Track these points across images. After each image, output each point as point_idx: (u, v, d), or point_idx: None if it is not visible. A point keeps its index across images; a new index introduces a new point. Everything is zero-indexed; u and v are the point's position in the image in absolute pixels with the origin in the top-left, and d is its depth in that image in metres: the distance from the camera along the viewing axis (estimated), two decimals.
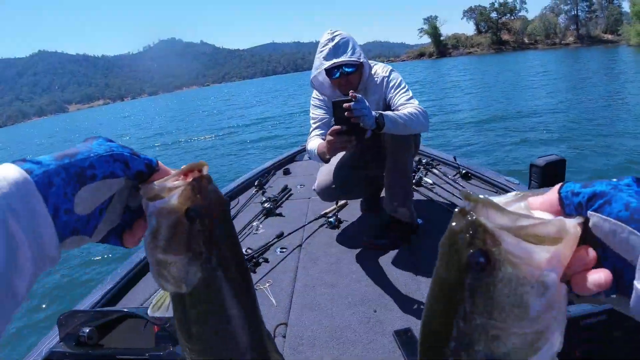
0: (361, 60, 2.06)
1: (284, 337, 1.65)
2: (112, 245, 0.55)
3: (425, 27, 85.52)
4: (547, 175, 0.74)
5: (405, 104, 2.04)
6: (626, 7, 58.66)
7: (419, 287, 1.84)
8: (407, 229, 2.22)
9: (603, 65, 24.82)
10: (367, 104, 1.73)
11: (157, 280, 0.52)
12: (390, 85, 2.16)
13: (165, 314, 0.58)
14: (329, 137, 1.78)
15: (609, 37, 61.91)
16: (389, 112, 1.87)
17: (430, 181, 2.95)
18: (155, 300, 0.59)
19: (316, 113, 2.29)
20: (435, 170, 3.22)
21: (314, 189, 2.43)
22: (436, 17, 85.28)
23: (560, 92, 14.25)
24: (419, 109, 1.96)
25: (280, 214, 2.87)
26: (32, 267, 0.42)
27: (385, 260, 2.09)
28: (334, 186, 2.28)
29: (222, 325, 0.56)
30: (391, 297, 1.80)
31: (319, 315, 1.74)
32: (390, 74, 2.19)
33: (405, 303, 1.75)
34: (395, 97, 2.10)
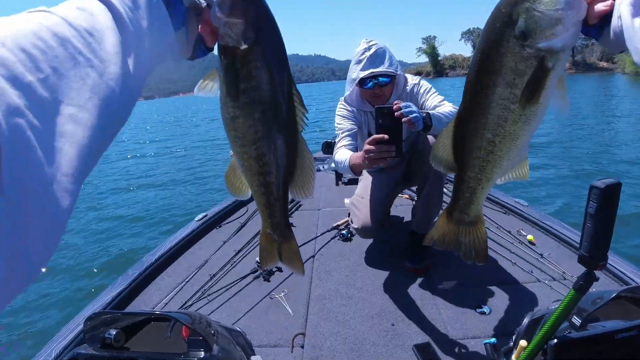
0: (398, 73, 2.03)
1: (302, 347, 1.65)
2: (200, 56, 0.79)
3: (424, 46, 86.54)
4: (606, 196, 0.77)
5: (441, 105, 2.04)
6: None
7: (435, 302, 1.86)
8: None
9: (599, 91, 25.47)
10: (414, 106, 1.70)
11: (225, 40, 0.74)
12: (422, 91, 2.14)
13: (208, 93, 0.83)
14: (368, 147, 1.68)
15: (604, 64, 62.94)
16: (432, 111, 1.86)
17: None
18: (201, 82, 0.83)
19: (344, 123, 2.22)
20: (444, 189, 3.25)
21: (352, 228, 2.31)
22: (435, 37, 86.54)
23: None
24: (456, 108, 1.96)
25: (291, 224, 2.88)
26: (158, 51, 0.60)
27: (400, 275, 2.12)
28: (376, 225, 2.18)
29: (265, 79, 0.78)
30: (408, 311, 1.81)
31: (337, 327, 1.75)
32: (419, 81, 2.19)
33: (423, 317, 1.76)
34: (429, 100, 2.10)
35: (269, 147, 0.84)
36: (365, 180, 2.35)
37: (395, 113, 1.63)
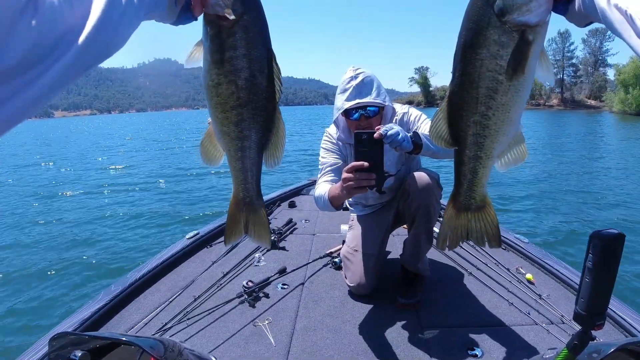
0: (386, 104, 1.93)
1: None
2: (184, 23, 0.85)
3: (416, 76, 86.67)
4: (607, 250, 0.71)
5: None
6: (611, 75, 60.42)
7: (424, 341, 1.76)
8: (422, 280, 2.16)
9: (589, 129, 25.67)
10: (397, 126, 1.61)
11: (215, 9, 0.80)
12: (413, 119, 2.05)
13: (195, 64, 0.89)
14: (345, 175, 1.55)
15: (592, 102, 62.86)
16: (420, 131, 1.77)
17: (437, 231, 2.90)
18: (188, 54, 0.89)
19: (327, 157, 2.10)
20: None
21: (346, 284, 2.18)
22: (427, 68, 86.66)
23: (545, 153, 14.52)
24: None
25: (283, 248, 2.81)
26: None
27: (390, 309, 2.03)
28: (371, 282, 2.11)
29: (249, 50, 0.85)
30: (396, 349, 1.71)
31: None
32: (408, 109, 2.08)
33: (411, 357, 1.67)
34: (422, 127, 1.98)
35: (249, 113, 0.91)
36: (356, 228, 2.25)
37: (375, 135, 1.52)
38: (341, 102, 1.89)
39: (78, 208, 7.92)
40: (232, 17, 0.80)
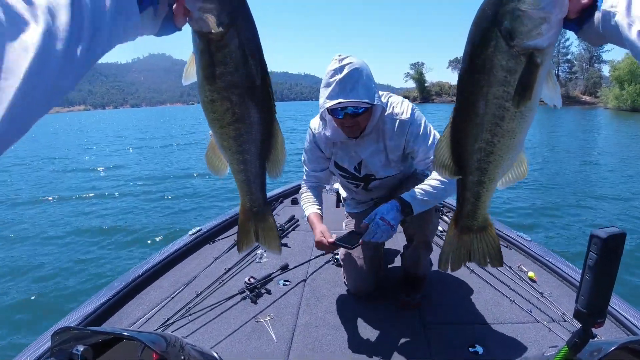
0: (374, 103, 1.67)
1: None
2: (167, 34, 0.78)
3: (412, 72, 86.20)
4: (608, 248, 0.70)
5: (428, 162, 1.84)
6: (606, 71, 59.85)
7: (426, 338, 1.77)
8: (424, 279, 2.15)
9: (585, 125, 25.84)
10: (380, 224, 1.71)
11: (199, 24, 0.75)
12: (415, 134, 1.82)
13: (192, 79, 0.85)
14: (320, 245, 1.84)
15: (587, 98, 62.54)
16: (416, 193, 1.72)
17: (440, 229, 2.90)
18: (184, 70, 0.85)
19: (307, 162, 2.09)
20: (446, 217, 3.17)
21: (345, 285, 2.18)
22: (423, 63, 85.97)
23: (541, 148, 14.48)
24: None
25: (285, 245, 2.81)
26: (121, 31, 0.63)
27: (392, 307, 2.03)
28: (370, 284, 2.12)
29: (240, 64, 0.80)
30: (397, 346, 1.72)
31: (321, 358, 1.66)
32: (412, 116, 1.81)
33: (412, 354, 1.67)
34: (420, 152, 1.84)
35: (247, 127, 0.89)
36: (352, 228, 2.22)
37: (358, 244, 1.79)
38: (323, 100, 1.69)
39: (81, 206, 7.96)
40: (217, 31, 0.75)
